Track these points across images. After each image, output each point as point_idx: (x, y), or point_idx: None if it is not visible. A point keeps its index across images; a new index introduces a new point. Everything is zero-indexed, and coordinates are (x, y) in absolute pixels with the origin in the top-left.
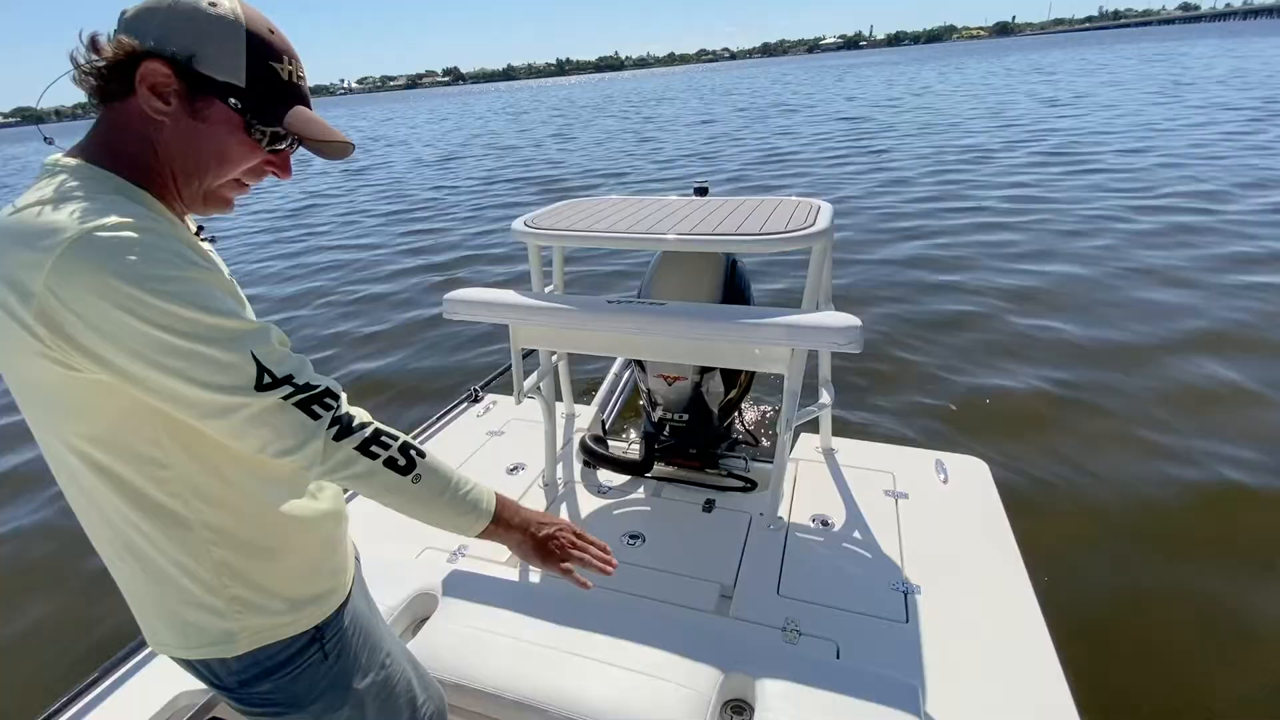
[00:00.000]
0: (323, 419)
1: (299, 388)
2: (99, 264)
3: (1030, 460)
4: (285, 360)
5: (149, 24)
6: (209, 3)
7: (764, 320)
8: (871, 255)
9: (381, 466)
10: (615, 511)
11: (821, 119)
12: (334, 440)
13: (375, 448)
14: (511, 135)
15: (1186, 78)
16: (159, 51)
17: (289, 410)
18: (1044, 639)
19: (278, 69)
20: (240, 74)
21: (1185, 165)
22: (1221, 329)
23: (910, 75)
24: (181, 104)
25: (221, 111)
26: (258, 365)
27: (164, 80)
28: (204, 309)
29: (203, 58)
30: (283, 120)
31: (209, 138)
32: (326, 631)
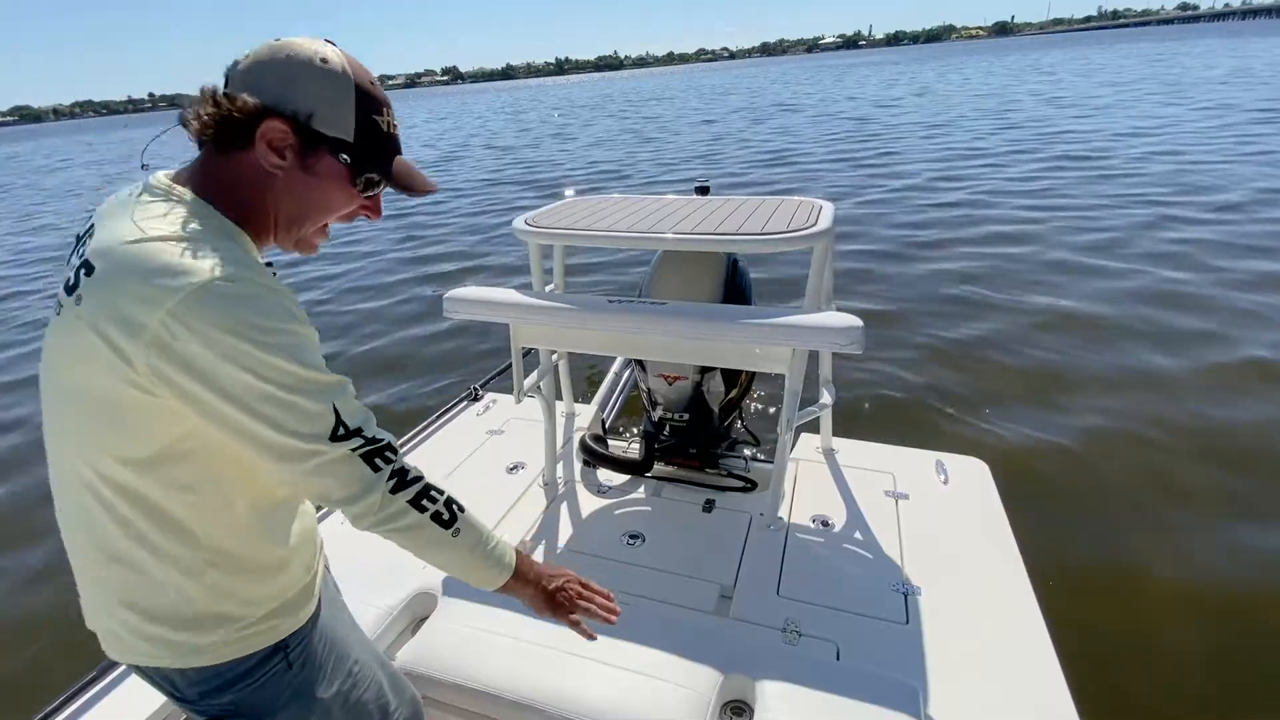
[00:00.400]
0: (383, 471)
1: (367, 440)
2: (217, 314)
3: (1031, 460)
4: (357, 413)
5: (266, 80)
6: (321, 59)
7: (765, 320)
8: (874, 255)
9: (429, 520)
10: (615, 511)
11: (824, 119)
12: (390, 493)
13: (425, 501)
14: (511, 135)
15: (1188, 78)
16: (279, 110)
17: (355, 461)
18: (1044, 640)
19: (379, 122)
20: (349, 129)
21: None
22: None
23: (910, 74)
24: (295, 158)
25: (330, 165)
26: (336, 417)
27: (281, 137)
28: (301, 363)
29: (319, 116)
30: (388, 172)
31: (317, 189)
32: (291, 641)
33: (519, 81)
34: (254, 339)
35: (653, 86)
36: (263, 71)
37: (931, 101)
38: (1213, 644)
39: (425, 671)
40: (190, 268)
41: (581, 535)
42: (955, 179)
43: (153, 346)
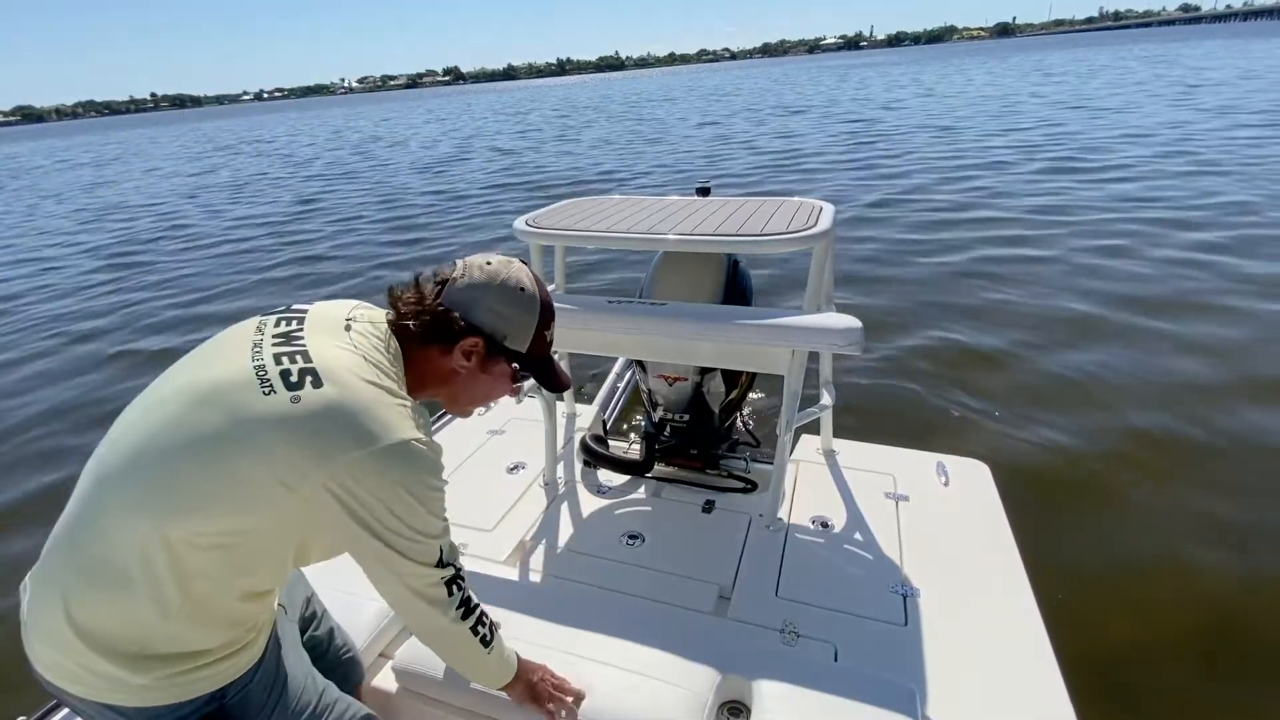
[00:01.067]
0: (455, 597)
1: (456, 572)
2: (401, 469)
3: (1034, 463)
4: (451, 550)
5: (478, 303)
6: (522, 288)
7: (765, 321)
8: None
9: (477, 643)
10: (615, 511)
11: (829, 120)
12: (458, 618)
13: (479, 627)
14: (511, 138)
15: (1193, 79)
16: (482, 329)
17: (440, 587)
18: (1044, 643)
19: (547, 335)
20: (526, 344)
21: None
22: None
23: (914, 75)
24: (479, 362)
25: (503, 369)
26: (441, 554)
27: (476, 349)
28: (439, 515)
29: (511, 336)
30: (546, 379)
31: (488, 385)
32: (229, 690)
33: (520, 82)
34: (418, 494)
35: (654, 87)
36: (477, 294)
37: (938, 103)
38: (1213, 649)
39: (423, 670)
40: (393, 428)
41: (581, 535)
42: (961, 181)
43: (338, 471)
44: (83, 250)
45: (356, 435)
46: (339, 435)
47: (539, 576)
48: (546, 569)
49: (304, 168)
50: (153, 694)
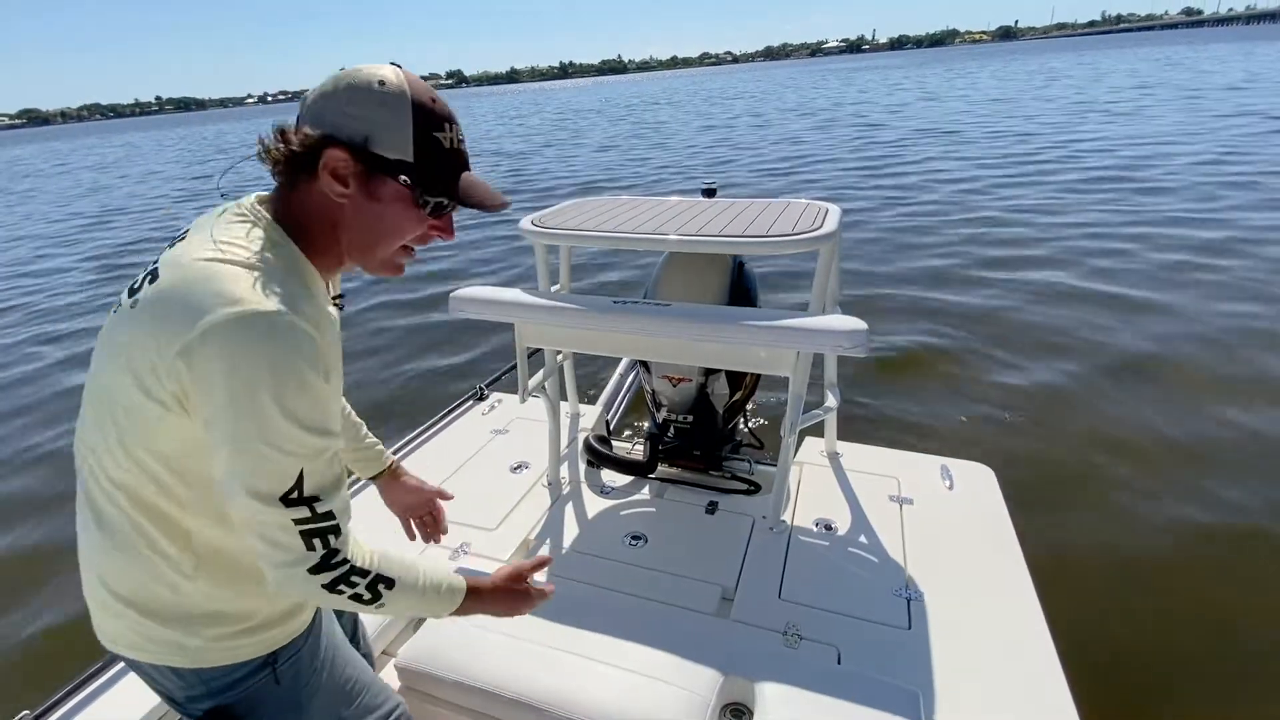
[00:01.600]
0: (314, 553)
1: (315, 514)
2: (247, 345)
3: (1037, 468)
4: (322, 484)
5: (328, 110)
6: (379, 81)
7: (769, 323)
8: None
9: (346, 600)
10: (618, 512)
11: (835, 125)
12: (308, 571)
13: (343, 585)
14: (515, 141)
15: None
16: (337, 137)
17: (291, 533)
18: (1048, 648)
19: (441, 139)
20: (409, 149)
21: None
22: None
23: (917, 79)
24: (359, 185)
25: (393, 189)
26: (296, 482)
27: (343, 165)
28: (296, 418)
29: (376, 139)
30: (453, 191)
31: (384, 215)
32: (280, 656)
33: (523, 85)
34: (268, 382)
35: (657, 90)
36: (325, 102)
37: (946, 109)
38: (1218, 655)
39: (426, 669)
40: (243, 296)
41: (584, 535)
42: (974, 188)
43: (181, 357)
44: (81, 256)
45: (184, 313)
46: (167, 319)
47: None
48: (549, 569)
49: None
50: (207, 655)
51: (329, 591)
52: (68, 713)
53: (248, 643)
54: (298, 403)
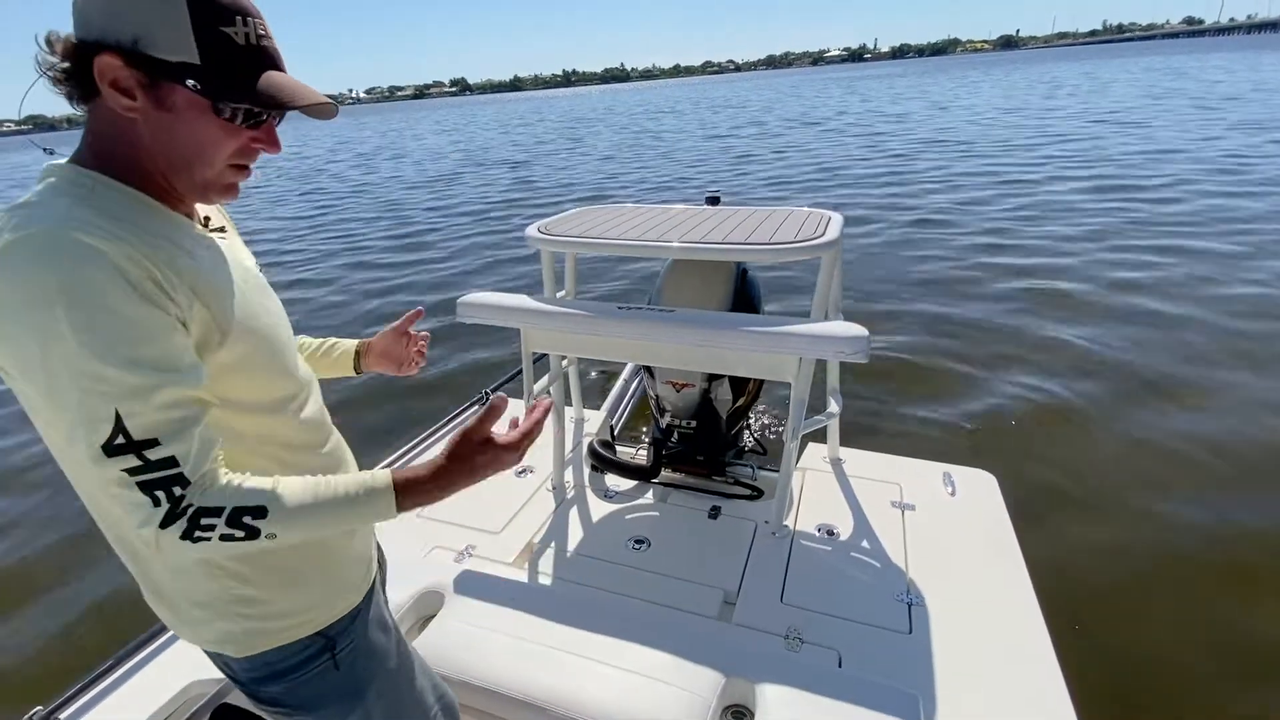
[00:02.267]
0: (160, 506)
1: (149, 463)
2: (12, 273)
3: (1041, 475)
4: (154, 426)
5: (93, 10)
6: None
7: (772, 329)
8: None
9: (219, 542)
10: (622, 516)
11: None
12: (160, 527)
13: (199, 532)
14: (520, 153)
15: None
16: (105, 41)
17: (129, 488)
18: (1048, 654)
19: (231, 34)
20: (191, 49)
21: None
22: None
23: (922, 88)
24: (146, 96)
25: (184, 96)
26: (115, 425)
27: (120, 73)
28: (91, 347)
29: (147, 40)
30: (255, 94)
31: (182, 127)
32: (339, 642)
33: (527, 93)
34: (37, 307)
35: (660, 99)
36: (93, 2)
37: (958, 118)
38: (1221, 663)
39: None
40: (5, 226)
41: (588, 539)
42: (984, 200)
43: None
44: None
45: None
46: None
47: (545, 579)
48: (553, 571)
49: (305, 180)
50: (254, 641)
51: (191, 542)
52: (79, 709)
53: (296, 622)
54: (98, 330)
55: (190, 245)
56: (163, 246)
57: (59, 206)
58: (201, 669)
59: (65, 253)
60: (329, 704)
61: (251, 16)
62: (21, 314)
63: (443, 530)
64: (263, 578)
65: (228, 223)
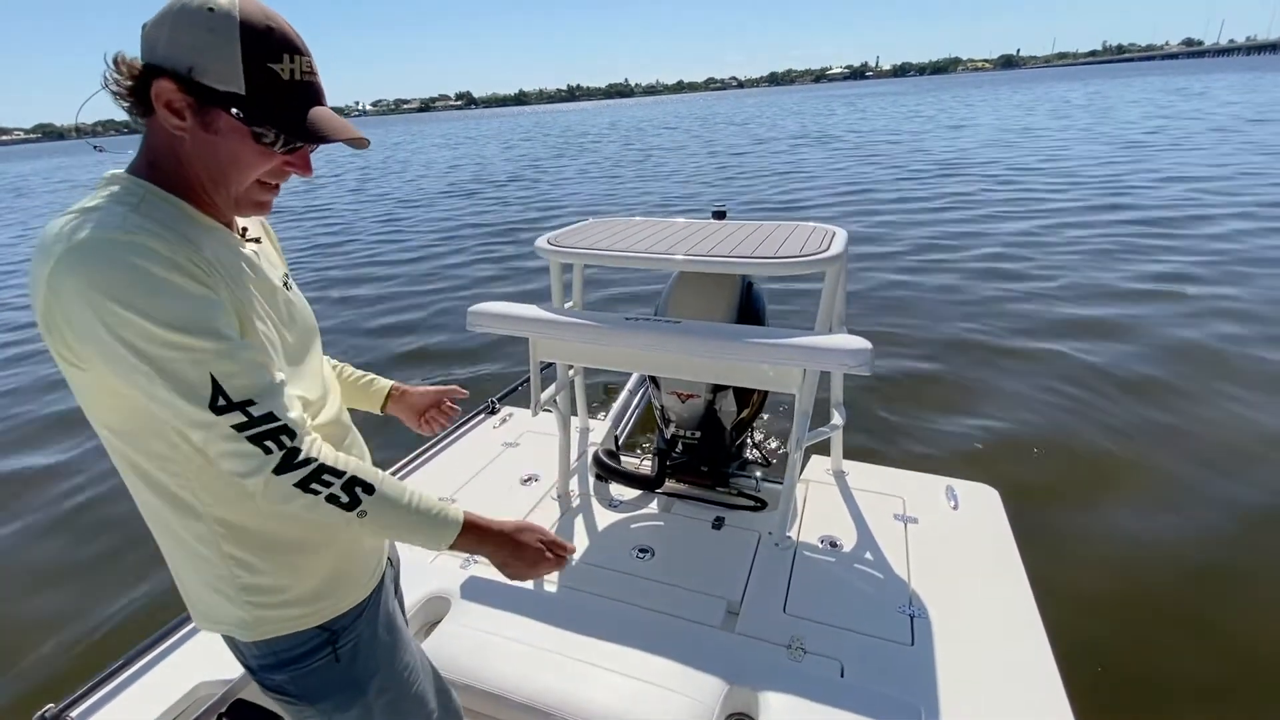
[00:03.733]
0: (273, 455)
1: (253, 419)
2: (80, 275)
3: (1044, 489)
4: (249, 387)
5: (159, 37)
6: (209, 6)
7: (776, 341)
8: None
9: (324, 502)
10: (626, 525)
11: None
12: (274, 474)
13: (316, 484)
14: (528, 170)
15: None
16: (164, 67)
17: (239, 440)
18: (1050, 669)
19: (278, 70)
20: (239, 81)
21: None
22: None
23: (931, 104)
24: (195, 118)
25: (227, 121)
26: (214, 387)
27: (174, 97)
28: (169, 325)
29: (200, 69)
30: (289, 126)
31: (222, 149)
32: (341, 636)
33: (531, 107)
34: (115, 301)
35: (665, 114)
36: (157, 29)
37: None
38: (1223, 680)
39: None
40: (67, 234)
41: (592, 548)
42: (995, 215)
43: (44, 316)
44: None
45: (42, 261)
46: (34, 288)
47: (551, 586)
48: (557, 579)
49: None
50: (262, 627)
51: (303, 491)
52: (90, 708)
53: (301, 613)
54: (166, 306)
55: (221, 251)
56: (200, 248)
57: (118, 213)
58: (211, 669)
59: (130, 250)
60: (330, 696)
61: (300, 55)
62: (99, 306)
63: None
64: (272, 568)
65: (267, 235)
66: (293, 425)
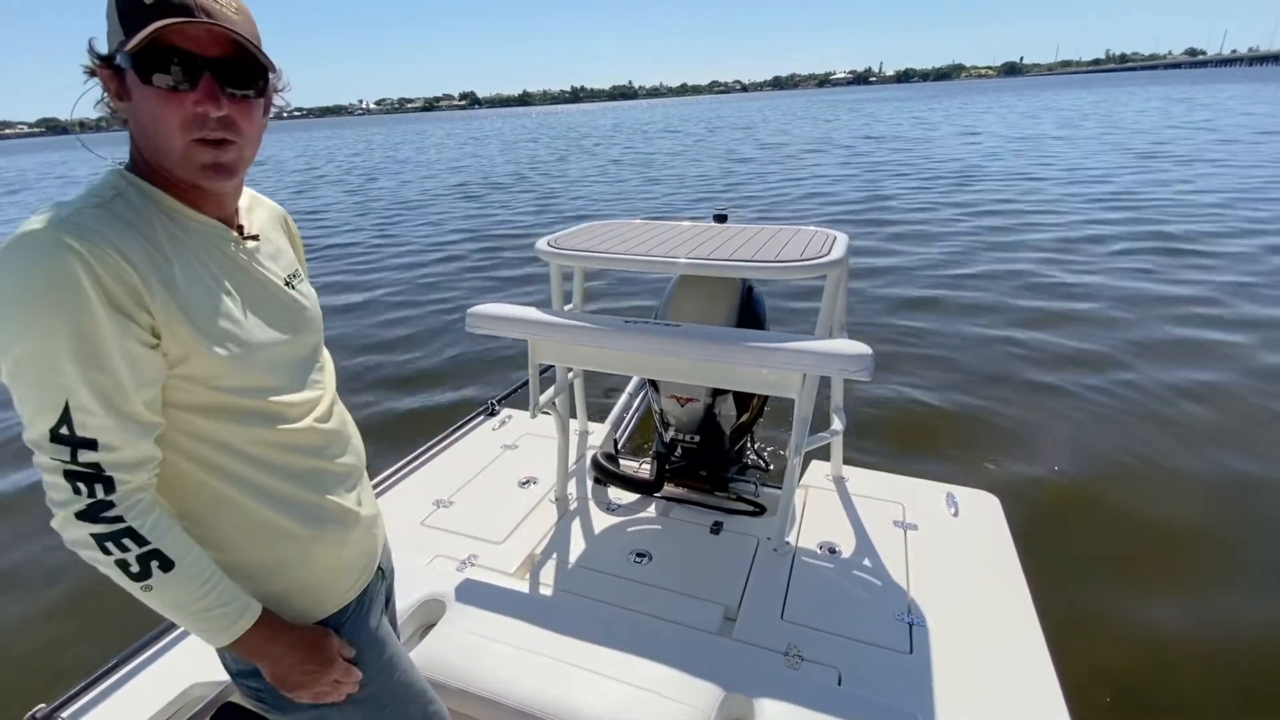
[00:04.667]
0: (80, 497)
1: (77, 460)
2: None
3: (1048, 499)
4: (96, 428)
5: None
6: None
7: (776, 345)
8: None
9: (113, 564)
10: (624, 529)
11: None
12: (75, 518)
13: (111, 544)
14: (534, 175)
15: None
16: (97, 53)
17: (56, 475)
18: (1050, 677)
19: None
20: (118, 28)
21: None
22: None
23: (942, 110)
24: (120, 93)
25: (131, 78)
26: (62, 417)
27: (105, 79)
28: (59, 346)
29: (104, 40)
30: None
31: (143, 112)
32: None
33: (535, 108)
34: (16, 300)
35: (670, 116)
36: None
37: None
38: (1223, 688)
39: (431, 676)
40: (22, 228)
41: (590, 551)
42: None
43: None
44: None
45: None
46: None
47: (547, 590)
48: (554, 583)
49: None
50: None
51: (96, 546)
52: (81, 708)
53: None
54: (67, 331)
55: (199, 248)
56: (155, 256)
57: (69, 208)
58: (203, 671)
59: (52, 254)
60: (301, 707)
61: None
62: (6, 306)
63: (446, 539)
64: (250, 571)
65: (288, 233)
66: (119, 481)
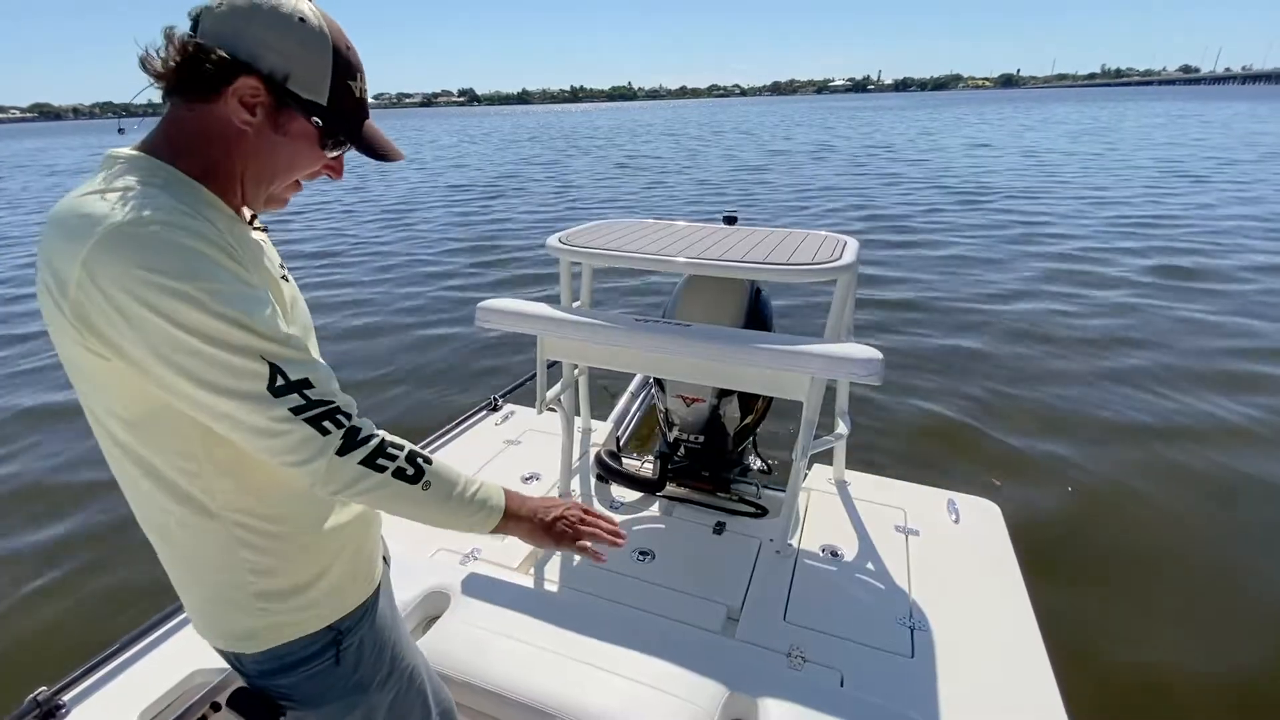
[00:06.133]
0: (331, 435)
1: (310, 401)
2: (125, 257)
3: (1050, 508)
4: (303, 369)
5: (242, 34)
6: (300, 17)
7: (785, 347)
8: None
9: (391, 478)
10: (627, 527)
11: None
12: (337, 455)
13: (382, 460)
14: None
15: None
16: (254, 67)
17: (297, 424)
18: (1049, 684)
19: (353, 88)
20: (324, 94)
21: None
22: None
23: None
24: (266, 116)
25: (302, 126)
26: (271, 371)
27: (254, 95)
28: (220, 314)
29: (296, 78)
30: (358, 137)
31: (286, 149)
32: (344, 638)
33: (535, 106)
34: (165, 285)
35: (674, 119)
36: (237, 22)
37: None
38: (1222, 697)
39: (437, 668)
40: (104, 215)
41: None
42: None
43: (76, 301)
44: None
45: (72, 241)
46: (58, 264)
47: (550, 585)
48: (558, 579)
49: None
50: (256, 639)
51: (370, 469)
52: (83, 692)
53: (309, 615)
54: (208, 294)
55: (240, 236)
56: (223, 233)
57: (154, 194)
58: (206, 657)
59: (179, 232)
60: (332, 699)
61: (363, 74)
62: (149, 289)
63: (448, 533)
64: (289, 567)
65: None
66: (346, 405)
